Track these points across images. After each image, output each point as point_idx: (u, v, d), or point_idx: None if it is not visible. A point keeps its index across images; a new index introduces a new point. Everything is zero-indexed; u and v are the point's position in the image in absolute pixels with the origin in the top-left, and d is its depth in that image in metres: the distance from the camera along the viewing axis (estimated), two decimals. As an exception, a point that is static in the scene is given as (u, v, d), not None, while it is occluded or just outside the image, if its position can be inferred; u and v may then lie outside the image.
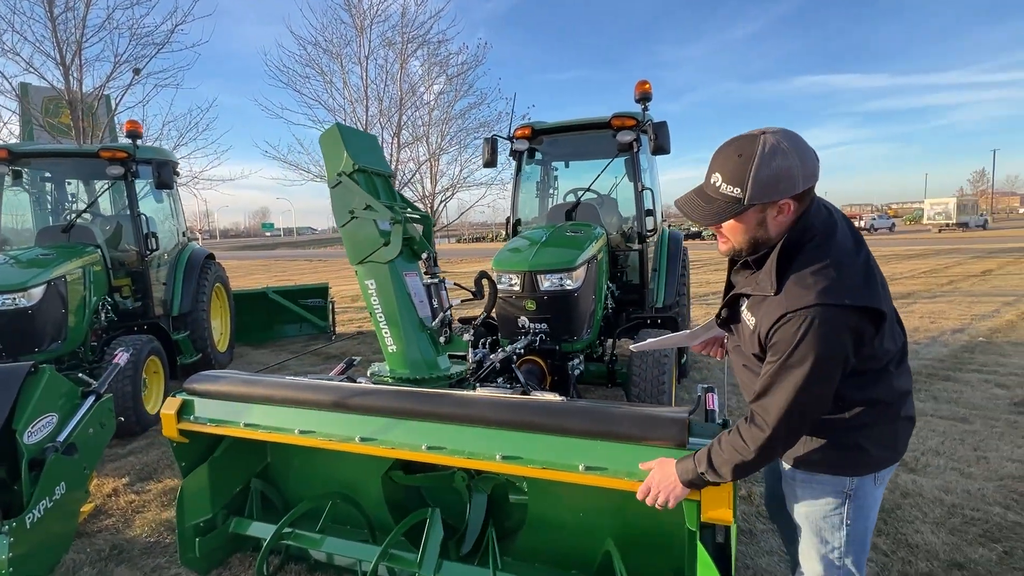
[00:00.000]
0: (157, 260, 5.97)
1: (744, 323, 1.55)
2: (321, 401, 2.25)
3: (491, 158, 5.17)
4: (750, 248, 1.47)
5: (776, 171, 1.33)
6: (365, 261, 2.74)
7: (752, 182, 1.33)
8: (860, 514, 1.58)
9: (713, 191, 1.41)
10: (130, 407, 4.41)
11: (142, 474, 3.85)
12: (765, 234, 1.43)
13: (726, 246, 1.52)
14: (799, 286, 1.36)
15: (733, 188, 1.36)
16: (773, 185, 1.34)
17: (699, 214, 1.44)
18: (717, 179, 1.39)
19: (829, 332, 1.32)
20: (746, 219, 1.41)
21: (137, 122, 5.52)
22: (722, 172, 1.38)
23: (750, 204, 1.36)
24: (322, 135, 2.80)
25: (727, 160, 1.38)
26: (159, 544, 2.96)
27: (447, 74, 16.31)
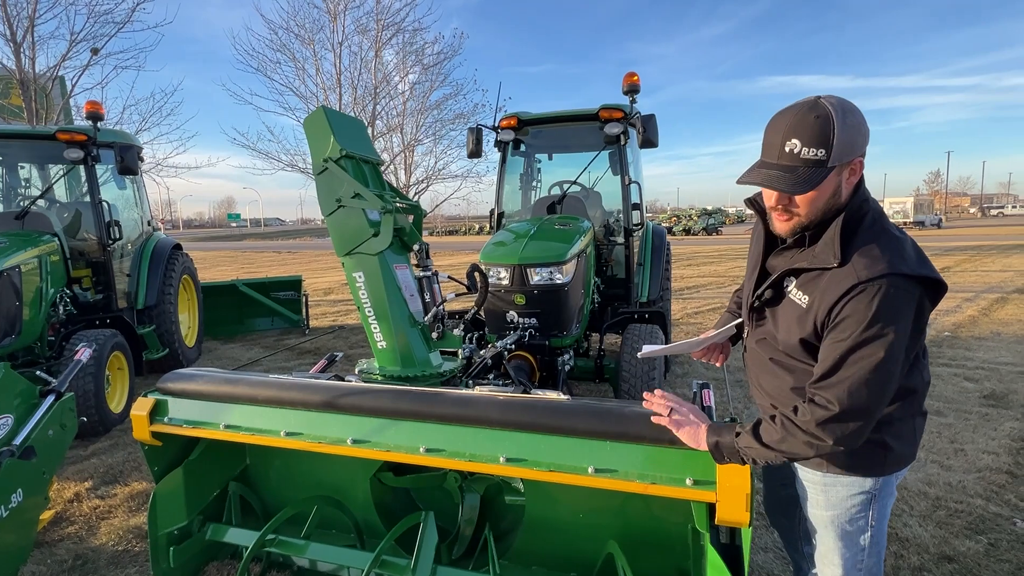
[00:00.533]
0: (120, 250, 5.66)
1: (791, 304, 1.46)
2: (309, 401, 2.11)
3: (476, 148, 5.05)
4: (821, 218, 1.39)
5: (852, 128, 1.31)
6: (353, 252, 2.60)
7: (837, 141, 1.28)
8: (882, 514, 1.56)
9: (791, 158, 1.32)
10: (93, 406, 4.15)
11: (107, 477, 3.62)
12: (838, 200, 1.38)
13: (790, 223, 1.42)
14: (867, 256, 1.31)
15: (817, 150, 1.29)
16: (852, 142, 1.31)
17: (786, 184, 1.33)
18: (795, 145, 1.31)
19: (905, 304, 1.29)
20: (827, 184, 1.34)
21: (98, 103, 5.19)
22: (801, 137, 1.30)
23: (832, 166, 1.31)
24: (307, 118, 2.64)
25: (802, 123, 1.31)
26: (127, 553, 2.78)
27: (422, 63, 16.04)
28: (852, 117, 1.31)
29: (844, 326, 1.31)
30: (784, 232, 1.46)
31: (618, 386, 3.80)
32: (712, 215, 45.85)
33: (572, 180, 4.91)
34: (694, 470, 1.67)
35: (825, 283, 1.36)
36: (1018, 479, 3.38)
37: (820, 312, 1.36)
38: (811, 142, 1.30)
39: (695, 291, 11.97)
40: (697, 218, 45.49)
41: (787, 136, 1.33)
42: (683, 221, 45.62)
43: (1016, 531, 2.84)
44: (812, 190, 1.33)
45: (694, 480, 1.66)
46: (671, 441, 1.69)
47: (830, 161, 1.30)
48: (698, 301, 10.55)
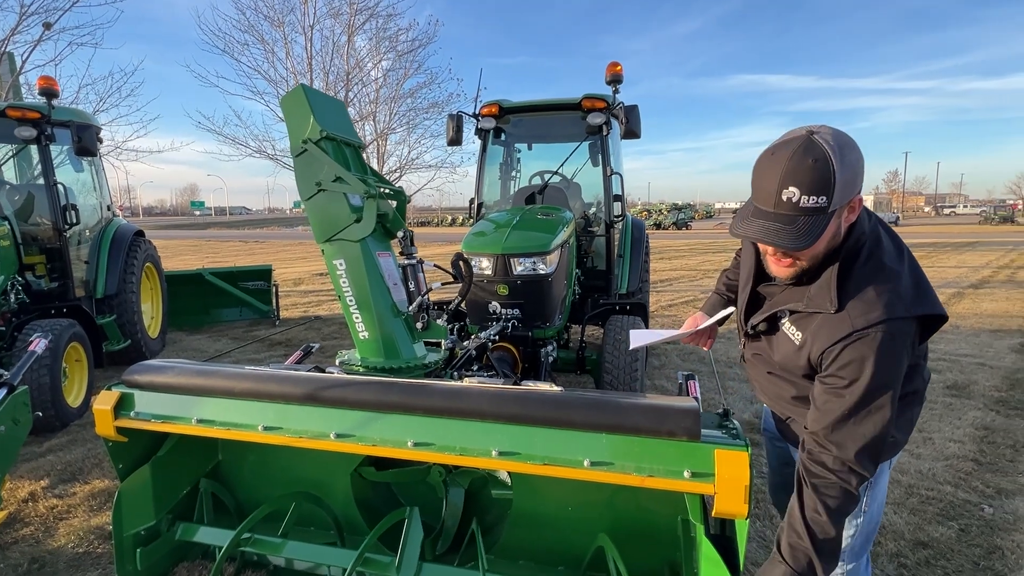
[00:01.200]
0: (77, 236, 5.36)
1: (785, 337, 1.46)
2: (289, 393, 2.01)
3: (456, 136, 4.94)
4: (821, 263, 1.35)
5: (850, 167, 1.22)
6: (334, 239, 2.49)
7: (838, 187, 1.20)
8: (876, 497, 1.58)
9: (790, 207, 1.23)
10: (48, 400, 3.92)
11: (64, 475, 3.42)
12: (836, 240, 1.32)
13: (791, 269, 1.37)
14: (862, 302, 1.28)
15: (817, 198, 1.20)
16: (853, 181, 1.24)
17: (788, 239, 1.25)
18: (793, 194, 1.21)
19: (902, 346, 1.28)
20: (828, 230, 1.26)
21: (52, 79, 4.87)
22: (799, 184, 1.20)
23: (833, 211, 1.23)
24: (284, 97, 2.50)
25: (799, 169, 1.20)
26: (89, 555, 2.62)
27: (396, 50, 15.70)
28: (850, 153, 1.23)
29: (844, 374, 1.29)
30: (784, 277, 1.42)
31: (600, 377, 3.78)
32: (682, 210, 46.56)
33: (554, 170, 4.85)
34: (692, 462, 1.64)
35: (818, 325, 1.34)
36: (983, 466, 3.50)
37: (814, 352, 1.35)
38: (810, 190, 1.20)
39: (668, 284, 12.12)
40: (667, 213, 46.12)
41: (784, 184, 1.22)
42: (654, 215, 46.18)
43: (984, 516, 2.93)
44: (815, 243, 1.26)
45: (692, 472, 1.63)
46: (669, 433, 1.66)
47: (831, 207, 1.22)
48: (671, 294, 10.67)
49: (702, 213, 63.16)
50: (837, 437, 1.32)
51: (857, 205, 1.30)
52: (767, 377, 1.61)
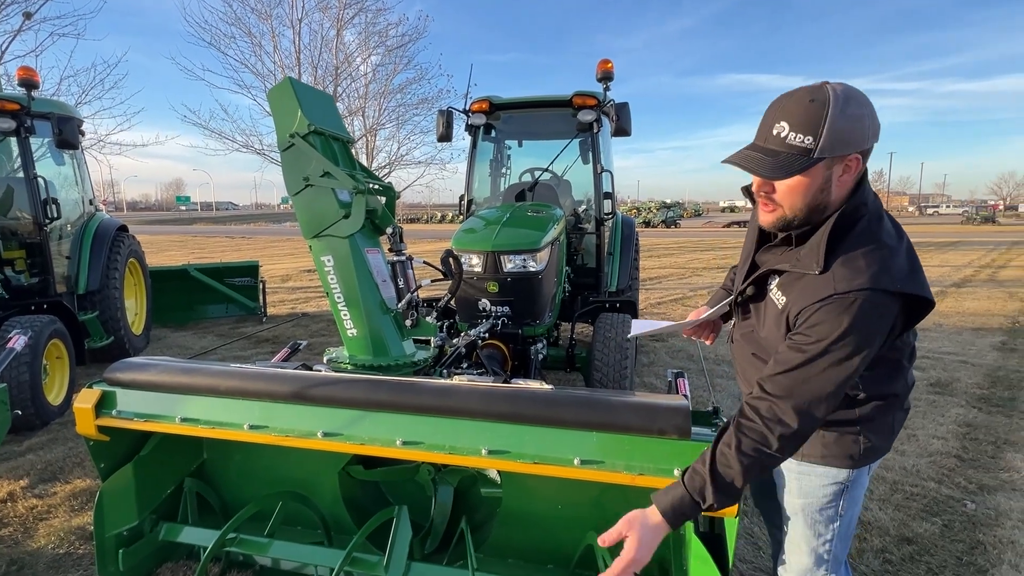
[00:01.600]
0: (59, 231, 5.26)
1: (770, 302, 1.43)
2: (276, 392, 1.97)
3: (446, 132, 4.91)
4: (805, 216, 1.30)
5: (852, 119, 1.20)
6: (321, 235, 2.46)
7: (827, 130, 1.18)
8: (852, 504, 1.55)
9: (777, 143, 1.23)
10: (28, 398, 3.84)
11: (44, 475, 3.35)
12: (826, 198, 1.28)
13: (774, 215, 1.34)
14: (849, 267, 1.24)
15: (804, 137, 1.19)
16: (847, 136, 1.20)
17: (763, 168, 1.25)
18: (783, 128, 1.22)
19: (877, 319, 1.24)
20: (812, 176, 1.24)
21: (32, 69, 4.76)
22: (789, 120, 1.21)
23: (820, 157, 1.20)
24: (271, 90, 2.46)
25: (796, 107, 1.21)
26: (70, 556, 2.57)
27: (386, 45, 15.59)
28: (854, 108, 1.21)
29: (812, 332, 1.25)
30: (768, 224, 1.39)
31: (590, 375, 3.78)
32: (671, 208, 46.85)
33: (544, 167, 4.84)
34: (683, 460, 1.63)
35: (802, 286, 1.31)
36: (966, 462, 3.55)
37: (792, 313, 1.32)
38: (799, 127, 1.20)
39: (657, 282, 12.17)
40: (656, 211, 46.38)
41: (776, 118, 1.24)
42: (643, 213, 46.41)
43: (967, 512, 2.97)
44: (787, 177, 1.24)
45: (682, 470, 1.63)
46: (660, 431, 1.66)
47: (817, 152, 1.20)
48: (660, 292, 10.72)
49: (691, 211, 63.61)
50: (780, 387, 1.28)
51: (854, 165, 1.26)
52: (750, 360, 1.58)
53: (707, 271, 14.23)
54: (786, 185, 1.27)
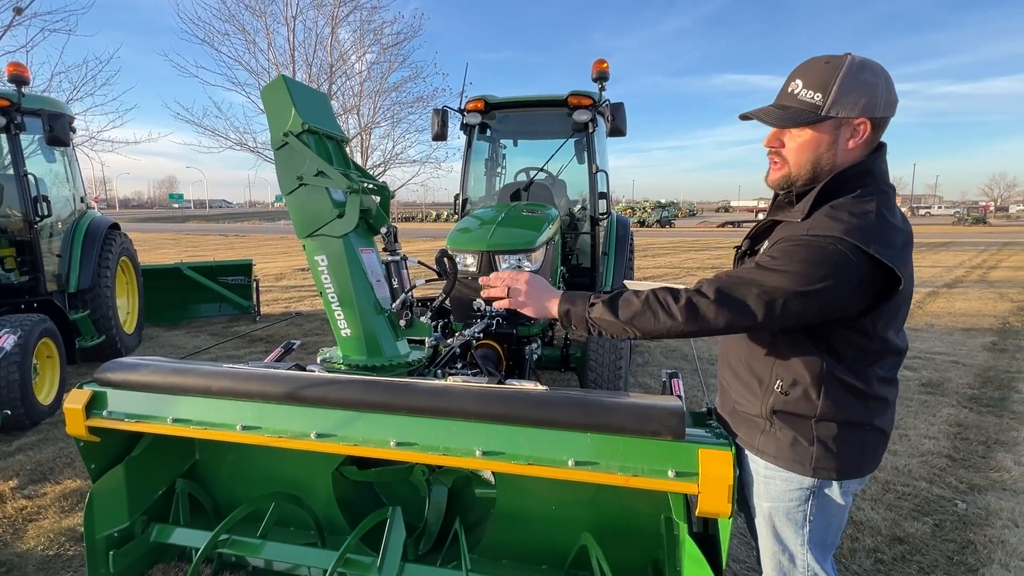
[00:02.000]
0: (49, 228, 5.21)
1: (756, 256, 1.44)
2: (269, 392, 1.96)
3: (441, 130, 4.90)
4: (809, 174, 1.34)
5: (862, 84, 1.26)
6: (315, 234, 2.44)
7: (836, 89, 1.25)
8: (823, 512, 1.48)
9: (789, 98, 1.32)
10: (18, 397, 3.80)
11: (35, 475, 3.32)
12: (831, 159, 1.31)
13: (779, 172, 1.38)
14: (829, 217, 1.26)
15: (814, 94, 1.27)
16: (856, 98, 1.25)
17: (771, 117, 1.33)
18: (797, 85, 1.31)
19: (838, 267, 1.20)
20: (819, 132, 1.30)
21: (22, 65, 4.71)
22: (804, 78, 1.30)
23: (827, 115, 1.27)
24: (265, 88, 2.44)
25: (811, 66, 1.31)
26: (60, 557, 2.55)
27: (381, 43, 15.52)
28: (868, 75, 1.26)
29: (769, 253, 1.31)
30: (773, 182, 1.42)
31: (584, 375, 3.78)
32: (666, 208, 46.93)
33: (540, 167, 4.83)
34: (676, 462, 1.64)
35: (778, 231, 1.37)
36: (957, 462, 3.58)
37: (764, 247, 1.38)
38: (811, 84, 1.28)
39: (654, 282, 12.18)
40: (651, 210, 46.45)
41: (794, 77, 1.33)
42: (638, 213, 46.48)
43: (958, 512, 2.99)
44: (792, 126, 1.31)
45: (676, 472, 1.63)
46: (654, 432, 1.66)
47: (824, 109, 1.26)
48: (655, 291, 10.73)
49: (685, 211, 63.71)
50: (718, 277, 1.33)
51: (862, 131, 1.29)
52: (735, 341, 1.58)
53: (701, 271, 14.26)
54: (794, 141, 1.34)
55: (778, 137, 1.37)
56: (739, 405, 1.58)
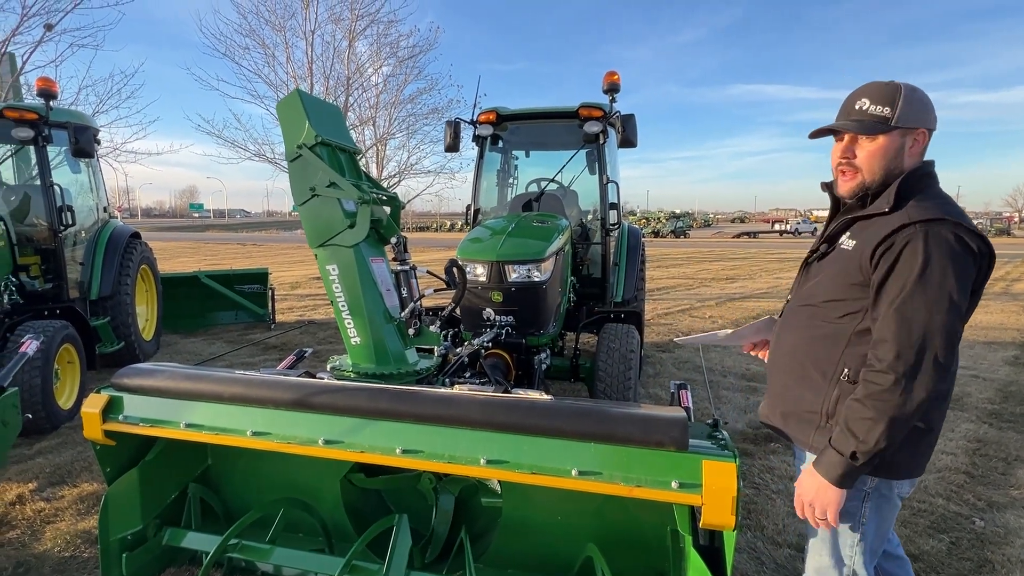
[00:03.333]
0: (73, 237, 5.35)
1: (838, 253, 1.52)
2: (279, 399, 2.00)
3: (453, 142, 4.95)
4: (881, 179, 1.46)
5: (919, 101, 1.45)
6: (327, 244, 2.49)
7: (902, 103, 1.42)
8: (877, 516, 1.53)
9: (860, 114, 1.46)
10: (39, 401, 3.90)
11: (53, 478, 3.40)
12: (899, 164, 1.46)
13: (853, 181, 1.50)
14: (921, 205, 1.37)
15: (882, 108, 1.43)
16: (918, 110, 1.44)
17: (853, 126, 1.46)
18: (864, 103, 1.46)
19: (961, 252, 1.31)
20: (890, 141, 1.44)
21: (51, 80, 4.88)
22: (870, 96, 1.45)
23: (897, 125, 1.42)
24: (280, 102, 2.51)
25: (874, 87, 1.47)
26: (75, 559, 2.60)
27: (397, 56, 15.77)
28: (920, 95, 1.45)
29: (899, 271, 1.33)
30: (846, 192, 1.52)
31: (593, 385, 3.77)
32: (680, 218, 46.73)
33: (551, 178, 4.87)
34: (680, 473, 1.64)
35: (874, 226, 1.42)
36: (975, 479, 3.50)
37: (865, 252, 1.40)
38: (878, 101, 1.44)
39: (665, 292, 12.13)
40: (666, 221, 46.28)
41: (858, 97, 1.48)
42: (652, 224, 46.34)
43: (975, 530, 2.92)
44: (871, 133, 1.44)
45: (680, 483, 1.63)
46: (657, 443, 1.66)
47: (894, 120, 1.42)
48: (668, 302, 10.68)
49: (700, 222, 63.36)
50: (889, 328, 1.33)
51: (921, 139, 1.47)
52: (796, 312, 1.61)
53: (716, 281, 14.17)
54: (866, 150, 1.46)
55: (850, 148, 1.49)
56: (795, 405, 1.61)
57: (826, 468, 1.43)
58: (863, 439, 1.34)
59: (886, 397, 1.32)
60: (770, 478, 3.44)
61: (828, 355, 1.50)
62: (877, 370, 1.34)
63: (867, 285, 1.41)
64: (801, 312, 1.62)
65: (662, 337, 7.54)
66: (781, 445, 3.95)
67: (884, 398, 1.32)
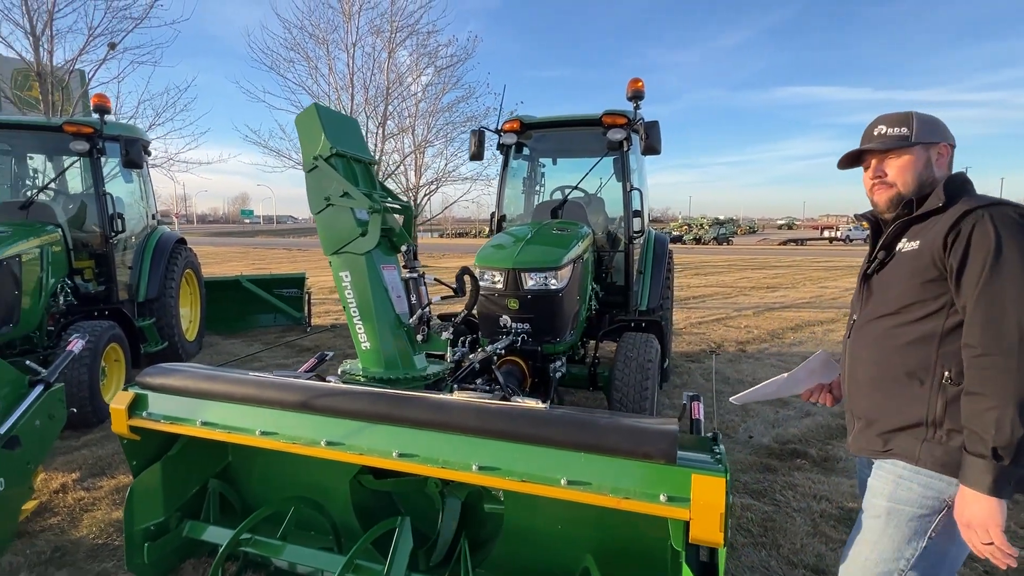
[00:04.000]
0: (123, 243, 5.70)
1: (902, 257, 1.51)
2: (285, 400, 2.09)
3: (477, 151, 5.02)
4: (916, 188, 1.52)
5: (931, 121, 1.55)
6: (340, 252, 2.58)
7: (916, 123, 1.52)
8: (948, 532, 1.41)
9: (879, 138, 1.56)
10: (86, 396, 4.16)
11: (94, 469, 3.62)
12: (931, 174, 1.53)
13: (888, 192, 1.56)
14: (975, 196, 1.43)
15: (899, 128, 1.53)
16: (931, 128, 1.53)
17: (872, 146, 1.56)
18: (882, 128, 1.56)
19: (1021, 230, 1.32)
20: (916, 156, 1.52)
21: (105, 96, 5.23)
22: (886, 122, 1.56)
23: (916, 141, 1.51)
24: (299, 116, 2.62)
25: (888, 116, 1.58)
26: (107, 547, 2.77)
27: (435, 66, 16.11)
28: (931, 117, 1.56)
29: (973, 256, 1.34)
30: (883, 201, 1.58)
31: (611, 395, 3.74)
32: (724, 225, 45.58)
33: (574, 185, 4.87)
34: (669, 486, 1.62)
35: (934, 224, 1.44)
36: (1019, 505, 3.27)
37: (936, 246, 1.39)
38: (894, 124, 1.55)
39: (701, 301, 11.86)
40: (708, 227, 45.24)
41: (875, 125, 1.59)
42: (694, 230, 45.37)
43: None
44: (894, 148, 1.52)
45: (668, 496, 1.61)
46: (645, 455, 1.65)
47: (913, 137, 1.51)
48: (703, 311, 10.44)
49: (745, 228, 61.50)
50: (984, 306, 1.31)
51: (945, 153, 1.55)
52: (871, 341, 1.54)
53: (755, 290, 13.75)
54: (895, 166, 1.54)
55: (881, 168, 1.57)
56: (895, 419, 1.49)
57: (974, 479, 1.29)
58: (997, 431, 1.24)
59: (1001, 379, 1.26)
60: (792, 495, 3.32)
61: (921, 360, 1.43)
62: (979, 354, 1.30)
63: (943, 279, 1.39)
64: (876, 325, 1.55)
65: (692, 347, 7.38)
66: (808, 462, 3.81)
67: (999, 380, 1.26)
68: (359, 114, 15.24)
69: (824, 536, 2.89)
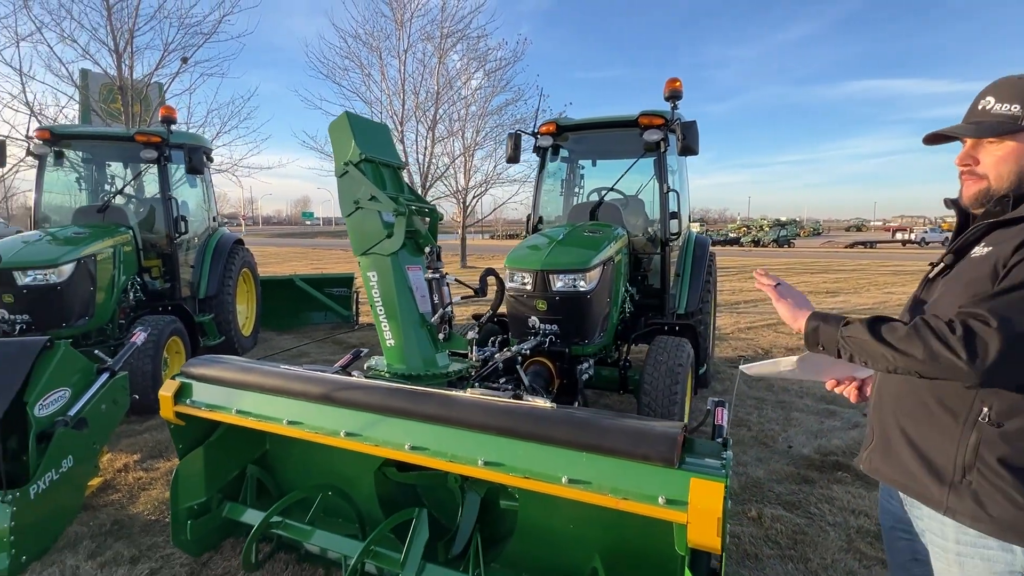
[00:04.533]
0: (186, 243, 6.12)
1: (970, 263, 1.27)
2: (309, 392, 2.22)
3: (514, 154, 5.08)
4: (1010, 184, 1.25)
5: None
6: (368, 252, 2.71)
7: None
8: None
9: (983, 115, 1.28)
10: (149, 385, 4.50)
11: (153, 452, 3.93)
12: None
13: (977, 185, 1.30)
14: None
15: (1010, 106, 1.24)
16: None
17: (966, 130, 1.29)
18: (988, 102, 1.28)
19: None
20: (1020, 143, 1.24)
21: (171, 107, 5.65)
22: (996, 94, 1.27)
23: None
24: (332, 123, 2.77)
25: (1003, 83, 1.28)
26: (159, 523, 3.00)
27: (485, 69, 16.33)
28: None
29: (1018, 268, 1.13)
30: (969, 199, 1.33)
31: (640, 399, 3.71)
32: (785, 226, 43.65)
33: (609, 187, 4.85)
34: (668, 489, 1.62)
35: (1014, 233, 1.19)
36: None
37: (1004, 254, 1.17)
38: (1004, 98, 1.25)
39: (753, 305, 11.45)
40: (768, 229, 43.46)
41: (984, 95, 1.29)
42: (753, 232, 43.73)
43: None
44: (991, 135, 1.25)
45: (667, 499, 1.61)
46: (644, 456, 1.66)
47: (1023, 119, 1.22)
48: (753, 316, 10.08)
49: (808, 230, 58.40)
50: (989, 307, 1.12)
51: None
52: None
53: (814, 295, 13.13)
54: (992, 155, 1.27)
55: (971, 155, 1.31)
56: (918, 455, 1.30)
57: (823, 318, 1.29)
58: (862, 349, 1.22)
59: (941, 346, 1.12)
60: (828, 508, 3.19)
61: (959, 390, 1.22)
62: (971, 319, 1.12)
63: None
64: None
65: (738, 352, 7.16)
66: (850, 475, 3.64)
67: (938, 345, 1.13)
68: (410, 118, 15.69)
69: (858, 552, 2.76)
